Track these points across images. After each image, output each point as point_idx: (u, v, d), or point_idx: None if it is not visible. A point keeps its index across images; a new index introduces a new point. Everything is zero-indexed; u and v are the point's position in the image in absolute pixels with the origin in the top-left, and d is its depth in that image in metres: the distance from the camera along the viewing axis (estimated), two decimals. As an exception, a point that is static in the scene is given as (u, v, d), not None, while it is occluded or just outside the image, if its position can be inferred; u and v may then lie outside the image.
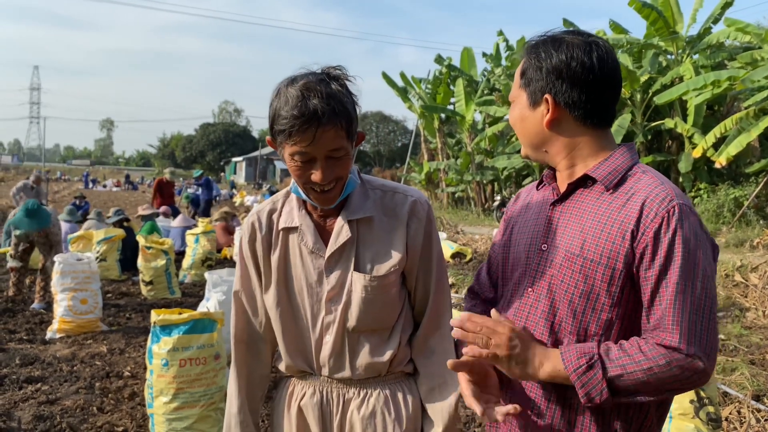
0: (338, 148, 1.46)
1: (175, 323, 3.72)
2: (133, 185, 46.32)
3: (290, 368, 1.69)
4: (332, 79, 1.47)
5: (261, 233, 1.67)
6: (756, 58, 14.75)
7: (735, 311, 6.96)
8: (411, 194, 1.66)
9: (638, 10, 15.88)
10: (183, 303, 7.55)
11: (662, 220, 1.33)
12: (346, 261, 1.59)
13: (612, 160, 1.47)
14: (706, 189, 15.56)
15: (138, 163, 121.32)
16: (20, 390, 4.47)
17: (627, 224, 1.37)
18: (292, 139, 1.43)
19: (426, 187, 27.41)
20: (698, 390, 3.26)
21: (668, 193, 1.37)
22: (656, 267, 1.33)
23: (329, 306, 1.60)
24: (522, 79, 1.51)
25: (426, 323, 1.68)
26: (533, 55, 1.49)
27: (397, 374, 1.67)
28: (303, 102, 1.40)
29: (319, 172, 1.47)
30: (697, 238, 1.34)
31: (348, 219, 1.59)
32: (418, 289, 1.67)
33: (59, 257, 6.09)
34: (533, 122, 1.51)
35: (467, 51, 24.64)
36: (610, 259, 1.37)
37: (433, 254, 1.66)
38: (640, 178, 1.43)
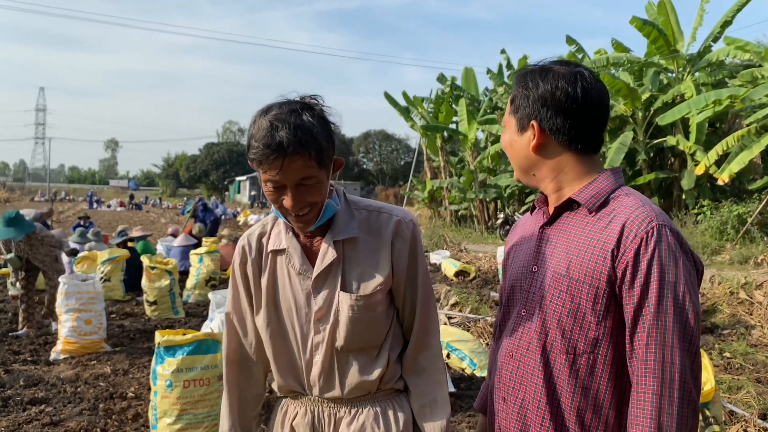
0: (308, 177, 1.50)
1: (179, 344, 3.74)
2: (137, 205, 46.49)
3: (282, 388, 1.72)
4: (305, 109, 1.50)
5: (251, 256, 1.70)
6: (756, 76, 14.84)
7: (740, 329, 6.93)
8: (396, 214, 1.69)
9: (639, 28, 16.02)
10: (187, 323, 7.55)
11: (641, 241, 1.38)
12: (332, 281, 1.62)
13: (596, 183, 1.54)
14: (709, 206, 15.55)
15: (142, 183, 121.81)
16: (24, 411, 4.47)
17: (608, 244, 1.43)
18: (263, 167, 1.48)
19: (429, 205, 27.45)
20: (703, 409, 3.25)
21: (648, 214, 1.41)
22: (637, 287, 1.38)
23: (318, 326, 1.63)
24: (512, 105, 1.60)
25: (414, 341, 1.70)
26: (522, 84, 1.58)
27: (388, 391, 1.69)
28: (270, 134, 1.45)
29: (288, 199, 1.51)
30: (675, 258, 1.38)
31: (333, 240, 1.62)
32: (406, 308, 1.70)
33: (64, 278, 6.11)
34: (521, 146, 1.59)
35: (469, 70, 24.83)
36: (593, 279, 1.44)
37: (418, 273, 1.69)
38: (622, 200, 1.49)
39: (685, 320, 1.37)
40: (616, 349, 1.46)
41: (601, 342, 1.46)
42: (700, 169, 14.80)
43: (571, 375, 1.47)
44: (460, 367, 5.50)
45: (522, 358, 1.56)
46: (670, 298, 1.36)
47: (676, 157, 17.90)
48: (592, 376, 1.47)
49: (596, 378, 1.47)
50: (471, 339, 5.78)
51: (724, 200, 15.46)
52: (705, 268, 8.79)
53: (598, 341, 1.46)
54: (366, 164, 70.84)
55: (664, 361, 1.35)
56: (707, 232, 14.52)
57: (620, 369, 1.46)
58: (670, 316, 1.36)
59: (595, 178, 1.55)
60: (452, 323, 7.09)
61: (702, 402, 3.24)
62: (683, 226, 14.84)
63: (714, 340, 6.64)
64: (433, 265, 12.75)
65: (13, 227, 6.54)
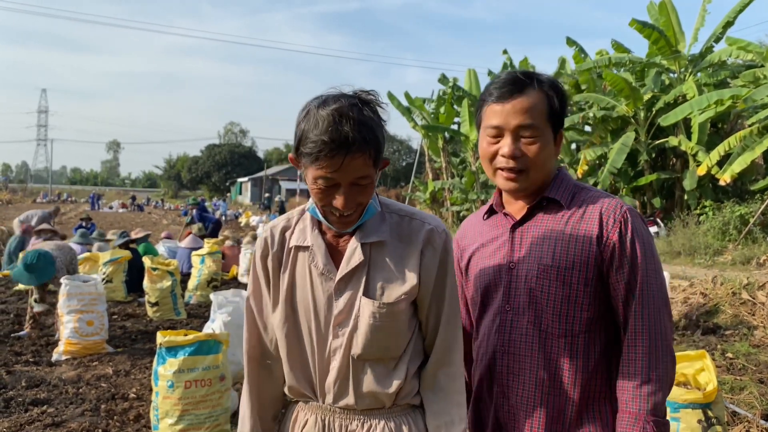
0: (364, 176, 1.43)
1: (180, 344, 3.73)
2: (139, 206, 46.51)
3: (293, 390, 1.63)
4: (364, 104, 1.43)
5: (273, 250, 1.62)
6: (758, 77, 14.82)
7: (743, 329, 6.91)
8: (428, 222, 1.59)
9: (639, 30, 16.01)
10: (188, 324, 7.55)
11: (621, 225, 1.58)
12: (355, 285, 1.54)
13: (561, 180, 1.69)
14: (711, 206, 15.52)
15: (144, 185, 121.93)
16: (26, 412, 4.47)
17: (591, 232, 1.59)
18: (318, 164, 1.39)
19: (431, 206, 27.44)
20: (706, 410, 3.24)
21: (617, 202, 1.62)
22: (626, 264, 1.56)
23: (336, 330, 1.55)
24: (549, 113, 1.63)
25: (434, 358, 1.61)
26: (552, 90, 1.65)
27: (403, 406, 1.60)
28: (334, 127, 1.36)
29: (341, 199, 1.43)
30: (648, 233, 1.61)
31: (362, 242, 1.54)
32: (429, 321, 1.60)
33: (65, 279, 6.12)
34: (551, 156, 1.67)
35: (472, 72, 24.82)
36: (582, 264, 1.59)
37: (446, 286, 1.59)
38: (584, 192, 1.68)
39: (662, 286, 1.58)
40: (606, 326, 1.63)
41: (594, 320, 1.61)
42: (702, 169, 14.78)
43: (572, 356, 1.61)
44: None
45: (517, 351, 1.65)
46: (652, 268, 1.57)
47: (678, 157, 17.88)
48: (588, 353, 1.62)
49: (592, 354, 1.62)
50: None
51: (727, 201, 15.43)
52: (708, 268, 8.78)
53: (592, 319, 1.61)
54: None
55: (651, 322, 1.54)
56: (709, 233, 14.49)
57: (609, 344, 1.64)
58: (653, 287, 1.56)
59: (556, 175, 1.70)
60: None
61: (704, 403, 3.24)
62: (685, 227, 14.82)
63: (716, 340, 6.63)
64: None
65: (33, 274, 6.29)
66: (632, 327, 1.55)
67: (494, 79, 1.69)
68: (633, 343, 1.54)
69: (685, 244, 13.92)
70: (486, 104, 1.66)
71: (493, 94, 1.64)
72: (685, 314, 7.53)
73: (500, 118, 1.62)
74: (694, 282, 8.44)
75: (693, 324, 7.23)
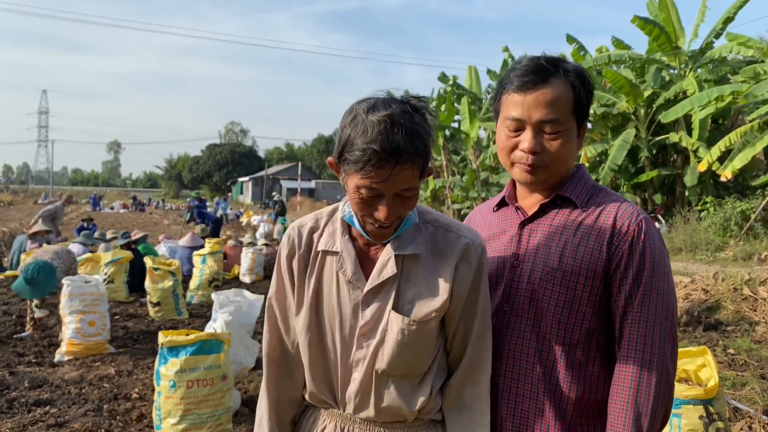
0: (410, 188, 1.36)
1: (182, 344, 3.74)
2: (141, 207, 46.51)
3: (314, 396, 1.58)
4: (415, 111, 1.35)
5: (299, 251, 1.54)
6: (758, 72, 14.79)
7: (744, 325, 6.91)
8: (465, 235, 1.51)
9: (641, 26, 15.98)
10: (190, 324, 7.56)
11: (634, 233, 1.47)
12: (384, 297, 1.46)
13: (578, 179, 1.58)
14: (712, 202, 15.51)
15: (145, 185, 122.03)
16: (29, 413, 4.48)
17: (602, 237, 1.49)
18: (364, 173, 1.31)
19: (431, 204, 27.44)
20: (707, 406, 3.24)
21: (634, 208, 1.52)
22: (630, 276, 1.46)
23: (361, 341, 1.48)
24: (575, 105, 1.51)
25: (460, 375, 1.53)
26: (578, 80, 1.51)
27: (425, 421, 1.54)
28: (385, 136, 1.28)
29: (384, 210, 1.36)
30: (662, 248, 1.50)
31: (395, 253, 1.46)
32: (457, 337, 1.53)
33: (67, 280, 6.12)
34: (574, 151, 1.56)
35: (472, 69, 24.80)
36: (589, 270, 1.48)
37: (479, 303, 1.51)
38: (603, 195, 1.57)
39: (669, 305, 1.46)
40: (608, 339, 1.52)
41: (596, 331, 1.51)
42: (702, 165, 14.76)
43: (568, 365, 1.50)
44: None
45: (512, 353, 1.56)
46: (656, 286, 1.45)
47: (678, 153, 17.85)
48: (587, 365, 1.51)
49: (591, 366, 1.51)
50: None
51: (727, 197, 15.41)
52: (709, 264, 8.82)
53: (593, 330, 1.51)
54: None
55: (645, 341, 1.43)
56: (710, 229, 14.48)
57: (612, 357, 1.52)
58: (654, 302, 1.45)
59: (574, 173, 1.59)
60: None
61: (706, 398, 3.24)
62: (686, 223, 14.81)
63: (718, 336, 6.63)
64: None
65: (34, 287, 6.22)
66: (625, 343, 1.44)
67: (515, 64, 1.54)
68: (624, 360, 1.44)
69: (686, 240, 13.91)
70: (506, 92, 1.52)
71: (514, 82, 1.49)
72: (687, 310, 7.53)
73: (521, 110, 1.49)
74: (696, 278, 8.44)
75: (694, 320, 7.24)
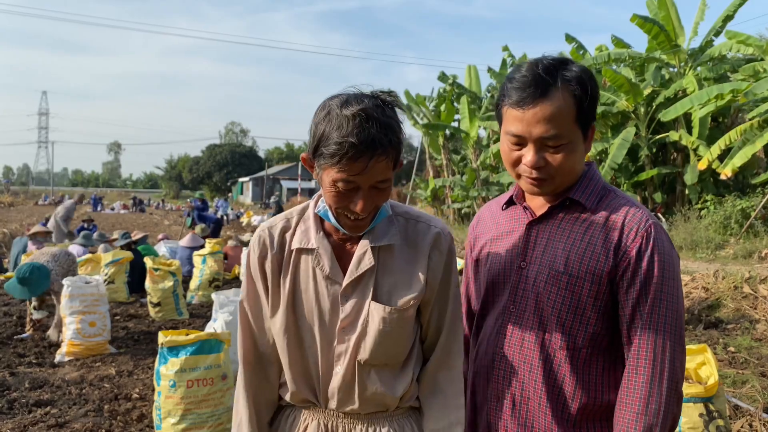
0: (385, 179, 1.39)
1: (182, 344, 3.74)
2: (141, 207, 46.52)
3: (295, 396, 1.58)
4: (386, 105, 1.38)
5: (272, 251, 1.55)
6: (758, 70, 14.79)
7: (745, 323, 6.91)
8: (434, 224, 1.57)
9: (640, 25, 15.98)
10: (191, 324, 7.57)
11: (642, 239, 1.43)
12: (363, 289, 1.50)
13: (589, 181, 1.54)
14: (712, 201, 15.51)
15: (145, 186, 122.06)
16: (30, 414, 4.48)
17: (610, 242, 1.46)
18: (340, 166, 1.33)
19: (432, 203, 27.44)
20: (707, 404, 3.24)
21: (643, 213, 1.47)
22: (638, 283, 1.42)
23: (342, 335, 1.51)
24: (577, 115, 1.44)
25: (435, 360, 1.59)
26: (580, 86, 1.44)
27: (405, 409, 1.58)
28: (361, 129, 1.31)
29: (361, 203, 1.39)
30: (672, 255, 1.46)
31: (371, 245, 1.49)
32: (431, 324, 1.58)
33: (67, 280, 6.12)
34: (582, 157, 1.51)
35: (471, 68, 24.81)
36: (595, 275, 1.45)
37: (450, 289, 1.58)
38: (612, 197, 1.52)
39: (677, 313, 1.43)
40: (612, 343, 1.50)
41: (600, 336, 1.49)
42: (703, 164, 14.76)
43: (572, 370, 1.48)
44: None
45: (516, 355, 1.54)
46: (665, 293, 1.42)
47: (678, 152, 17.85)
48: (590, 369, 1.49)
49: (594, 371, 1.49)
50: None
51: (728, 195, 15.41)
52: (709, 262, 8.75)
53: (597, 335, 1.48)
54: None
55: (655, 351, 1.40)
56: (711, 227, 14.48)
57: (615, 362, 1.50)
58: (664, 310, 1.41)
59: (584, 174, 1.55)
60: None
61: (706, 396, 3.24)
62: (687, 221, 14.81)
63: (718, 334, 6.63)
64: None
65: (26, 287, 6.21)
66: (634, 352, 1.42)
67: (513, 73, 1.48)
68: (634, 369, 1.42)
69: (687, 238, 13.91)
70: (504, 105, 1.49)
71: (512, 96, 1.45)
72: (687, 308, 7.53)
73: (521, 127, 1.44)
74: (696, 276, 8.44)
75: (695, 318, 7.23)
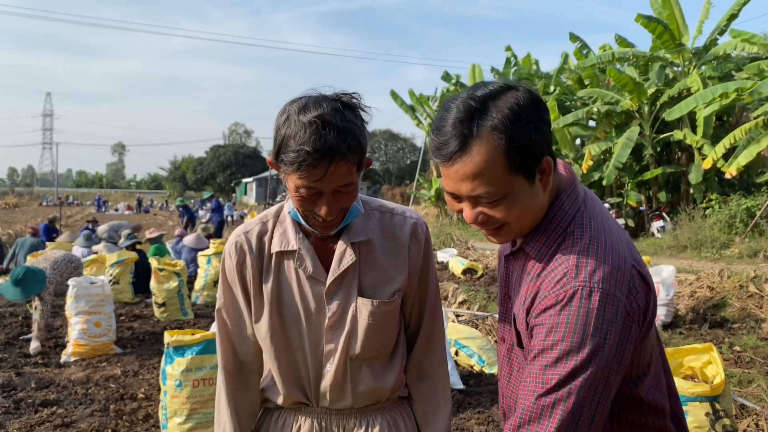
0: (348, 183, 1.37)
1: (188, 344, 3.75)
2: (145, 208, 46.65)
3: (286, 399, 1.57)
4: (346, 108, 1.36)
5: (251, 256, 1.53)
6: (763, 69, 14.75)
7: (750, 322, 6.89)
8: (410, 215, 1.60)
9: (644, 25, 15.94)
10: (196, 324, 7.58)
11: (554, 302, 1.19)
12: (348, 286, 1.51)
13: (546, 223, 1.30)
14: (717, 200, 15.48)
15: (149, 186, 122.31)
16: (36, 414, 4.50)
17: (530, 295, 1.28)
18: (300, 173, 1.33)
19: (435, 203, 27.43)
20: (713, 403, 3.24)
21: (576, 274, 1.19)
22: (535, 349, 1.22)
23: (330, 334, 1.51)
24: (510, 167, 1.21)
25: (419, 346, 1.63)
26: (508, 126, 1.19)
27: (395, 400, 1.62)
28: (317, 137, 1.29)
29: (325, 208, 1.38)
30: (585, 325, 1.15)
31: (350, 241, 1.51)
32: (414, 311, 1.62)
33: (73, 281, 6.14)
34: (536, 200, 1.28)
35: (476, 67, 24.80)
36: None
37: (429, 277, 1.62)
38: (570, 245, 1.25)
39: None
40: None
41: None
42: (707, 162, 14.73)
43: None
44: (468, 364, 5.49)
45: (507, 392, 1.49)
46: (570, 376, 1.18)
47: (683, 151, 17.81)
48: None
49: None
50: (479, 336, 5.77)
51: (733, 194, 15.38)
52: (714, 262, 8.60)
53: None
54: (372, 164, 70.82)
55: None
56: (716, 226, 14.45)
57: None
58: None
59: (547, 212, 1.31)
60: (460, 321, 7.09)
61: (712, 396, 3.23)
62: (691, 221, 14.78)
63: (724, 333, 6.61)
64: (440, 263, 12.75)
65: (18, 288, 6.15)
66: None
67: (437, 119, 1.27)
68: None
69: (692, 237, 13.89)
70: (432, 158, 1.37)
71: (433, 152, 1.26)
72: (692, 308, 7.51)
73: (450, 183, 1.27)
74: (701, 276, 8.42)
75: (700, 318, 7.22)
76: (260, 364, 1.62)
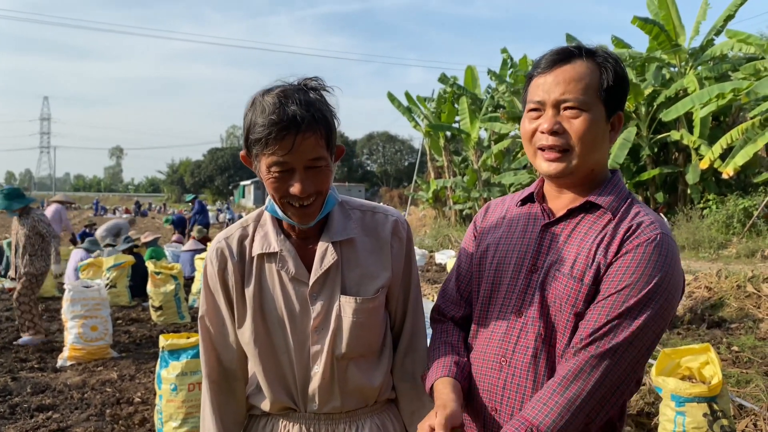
0: (318, 157, 1.38)
1: (183, 348, 3.74)
2: (143, 212, 46.59)
3: (274, 405, 1.55)
4: (309, 89, 1.41)
5: (233, 261, 1.53)
6: (759, 69, 14.76)
7: (748, 322, 6.89)
8: (391, 214, 1.62)
9: (641, 27, 15.97)
10: (192, 327, 7.56)
11: (647, 239, 1.34)
12: (331, 285, 1.51)
13: (611, 186, 1.46)
14: (714, 200, 15.49)
15: (147, 190, 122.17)
16: (32, 418, 4.48)
17: (614, 242, 1.37)
18: (270, 148, 1.34)
19: (433, 205, 27.44)
20: (711, 403, 3.23)
21: (659, 224, 1.37)
22: (622, 282, 1.34)
23: (315, 335, 1.50)
24: (600, 90, 1.40)
25: (402, 345, 1.63)
26: (606, 62, 1.42)
27: (383, 402, 1.61)
28: (281, 108, 1.33)
29: (298, 184, 1.38)
30: (673, 270, 1.34)
31: (331, 241, 1.51)
32: (398, 309, 1.63)
33: (69, 285, 6.12)
34: (604, 138, 1.44)
35: (471, 69, 24.81)
36: (597, 280, 1.36)
37: (412, 275, 1.63)
38: (636, 207, 1.43)
39: (649, 348, 1.38)
40: None
41: None
42: (704, 163, 14.74)
43: None
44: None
45: (518, 364, 1.43)
46: (649, 309, 1.33)
47: (680, 151, 17.83)
48: None
49: None
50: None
51: (730, 194, 15.40)
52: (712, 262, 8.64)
53: None
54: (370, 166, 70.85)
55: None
56: (713, 226, 14.46)
57: None
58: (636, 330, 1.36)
59: (609, 179, 1.48)
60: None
61: (710, 396, 3.22)
62: (689, 221, 14.79)
63: (722, 333, 6.61)
64: (438, 264, 12.74)
65: (7, 200, 6.71)
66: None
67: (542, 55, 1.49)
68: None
69: (689, 238, 13.89)
70: (531, 80, 1.47)
71: (539, 66, 1.45)
72: (690, 308, 7.51)
73: (541, 92, 1.42)
74: (699, 276, 8.42)
75: (698, 318, 7.21)
76: (245, 371, 1.60)
